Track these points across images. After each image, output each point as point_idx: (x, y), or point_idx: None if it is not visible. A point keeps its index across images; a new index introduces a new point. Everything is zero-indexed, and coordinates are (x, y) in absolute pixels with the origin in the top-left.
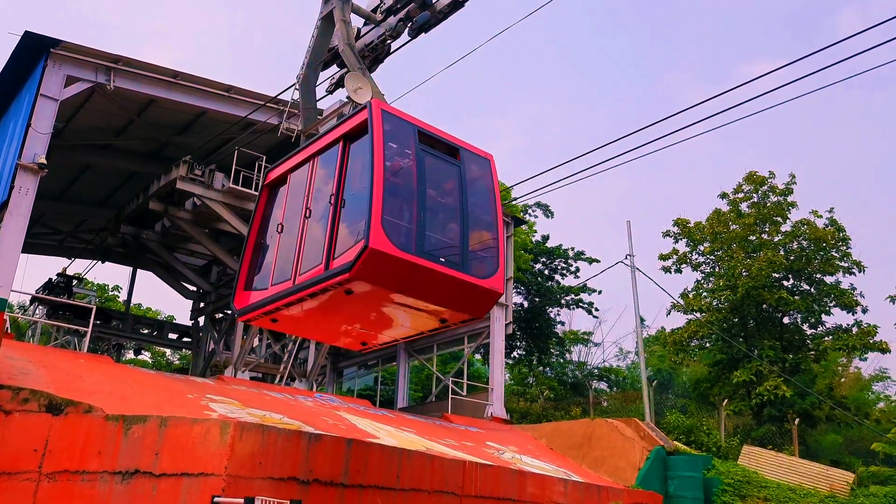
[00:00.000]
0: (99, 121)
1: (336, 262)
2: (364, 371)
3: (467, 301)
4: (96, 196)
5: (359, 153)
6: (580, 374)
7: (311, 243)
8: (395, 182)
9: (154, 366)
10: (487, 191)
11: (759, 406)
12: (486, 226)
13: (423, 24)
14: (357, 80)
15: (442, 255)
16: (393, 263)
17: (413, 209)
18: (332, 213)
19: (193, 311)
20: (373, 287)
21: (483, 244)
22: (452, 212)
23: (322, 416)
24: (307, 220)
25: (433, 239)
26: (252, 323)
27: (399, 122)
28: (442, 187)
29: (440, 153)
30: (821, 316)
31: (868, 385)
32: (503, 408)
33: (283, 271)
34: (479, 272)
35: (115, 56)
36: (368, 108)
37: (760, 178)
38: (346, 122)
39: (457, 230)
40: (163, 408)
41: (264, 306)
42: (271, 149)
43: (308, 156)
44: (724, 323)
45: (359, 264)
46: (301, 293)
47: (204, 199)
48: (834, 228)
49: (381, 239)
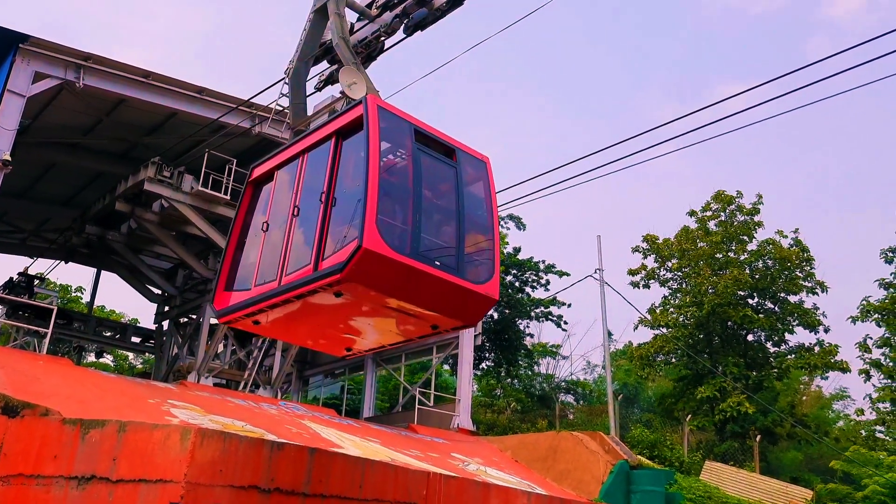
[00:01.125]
0: (67, 118)
1: (326, 263)
2: (330, 380)
3: (462, 307)
4: (61, 195)
5: (352, 150)
6: (547, 387)
7: (299, 243)
8: (390, 181)
9: (116, 369)
10: (483, 194)
11: (722, 422)
12: (482, 230)
13: (419, 21)
14: (352, 75)
15: (437, 259)
16: (387, 265)
17: (408, 210)
18: (322, 211)
19: (158, 315)
20: (364, 289)
21: (478, 249)
22: (448, 214)
23: (286, 424)
24: (295, 219)
25: (428, 241)
26: (232, 325)
27: (395, 119)
28: (438, 189)
29: (436, 153)
30: (784, 334)
31: (828, 404)
32: (470, 419)
33: (268, 271)
34: (475, 277)
35: (85, 53)
36: (364, 104)
37: (728, 197)
38: (339, 118)
39: (452, 233)
40: (122, 412)
41: (247, 307)
42: (242, 152)
43: (297, 152)
44: (690, 339)
45: (351, 265)
46: (287, 294)
47: (172, 202)
48: (798, 249)
49: (375, 239)
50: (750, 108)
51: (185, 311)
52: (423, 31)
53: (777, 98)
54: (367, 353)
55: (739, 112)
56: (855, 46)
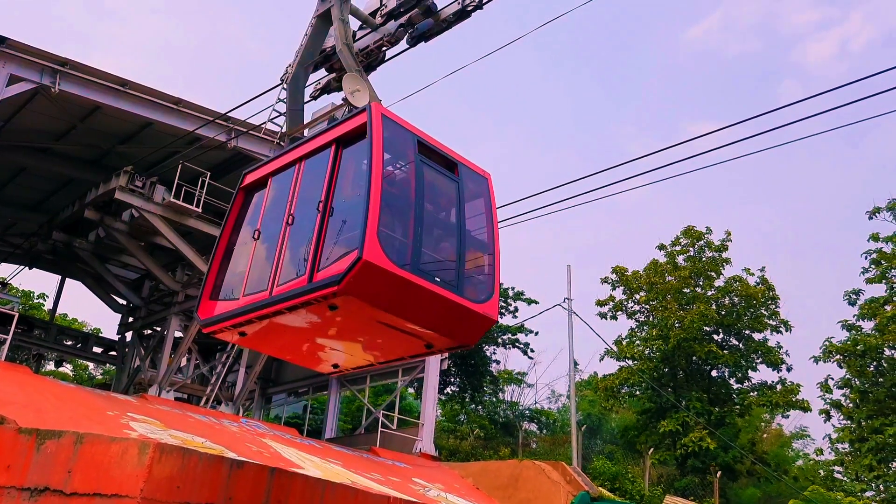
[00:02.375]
0: (40, 123)
1: (321, 275)
2: (293, 399)
3: (460, 326)
4: (29, 199)
5: (353, 159)
6: (511, 415)
7: (293, 253)
8: (392, 192)
9: (75, 379)
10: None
11: (683, 457)
12: (483, 247)
13: (424, 31)
14: (355, 82)
15: (437, 275)
16: (386, 279)
17: (409, 223)
18: (318, 221)
19: (121, 326)
20: (361, 303)
21: (479, 267)
22: (449, 230)
23: (246, 442)
24: (289, 228)
25: (429, 256)
26: (217, 335)
27: (399, 129)
28: (439, 203)
29: (439, 166)
30: (747, 371)
31: (788, 442)
32: (432, 444)
33: (258, 281)
34: (474, 296)
35: (62, 59)
36: (368, 112)
37: (697, 232)
38: (340, 125)
39: (453, 250)
40: (80, 423)
41: (234, 318)
42: (216, 165)
43: (293, 159)
44: (655, 372)
45: (349, 277)
46: (278, 306)
47: (142, 212)
48: (764, 287)
49: (376, 251)
50: (723, 147)
51: (150, 323)
52: (427, 42)
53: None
54: (354, 370)
55: (713, 149)
56: (825, 92)
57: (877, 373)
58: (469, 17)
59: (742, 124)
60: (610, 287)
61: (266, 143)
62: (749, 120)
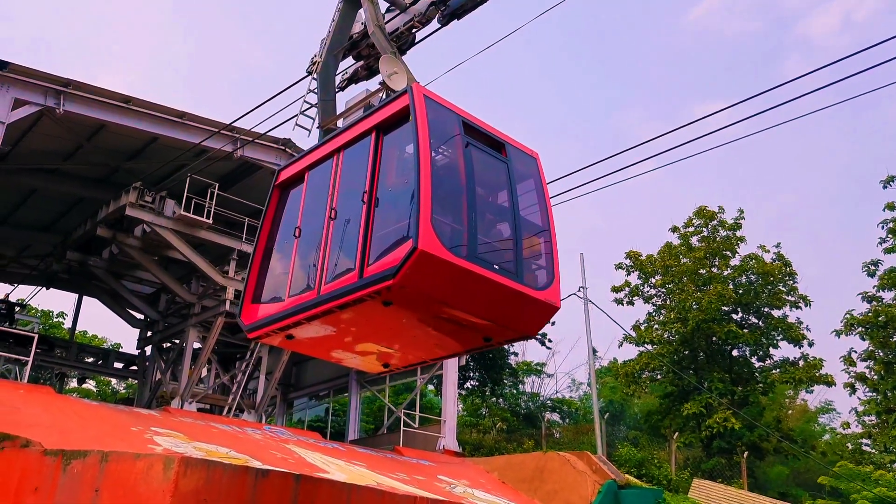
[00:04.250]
0: (47, 144)
1: (373, 269)
2: (315, 402)
3: (521, 316)
4: (42, 221)
5: (397, 144)
6: (533, 406)
7: (339, 248)
8: (442, 177)
9: (98, 395)
10: (536, 192)
11: (708, 438)
12: (539, 231)
13: (456, 8)
14: (392, 64)
15: (495, 262)
16: (444, 269)
17: (462, 208)
18: (364, 213)
19: (140, 340)
20: (417, 296)
21: (536, 251)
22: (503, 213)
23: (270, 449)
24: (332, 222)
25: (485, 243)
26: (263, 340)
27: (443, 110)
28: (490, 185)
29: (486, 147)
30: (769, 349)
31: (814, 417)
32: (455, 440)
33: (303, 281)
34: (535, 283)
35: (65, 80)
36: (409, 93)
37: (710, 212)
38: (379, 111)
39: (509, 234)
40: (105, 441)
41: (280, 321)
42: (224, 176)
43: (330, 151)
44: (675, 355)
45: (405, 269)
46: (328, 305)
47: (154, 226)
48: (781, 263)
49: (431, 240)
50: (732, 125)
51: (168, 336)
52: (460, 19)
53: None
54: (404, 369)
55: (721, 129)
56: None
57: None
58: None
59: (750, 101)
60: (624, 273)
61: (272, 151)
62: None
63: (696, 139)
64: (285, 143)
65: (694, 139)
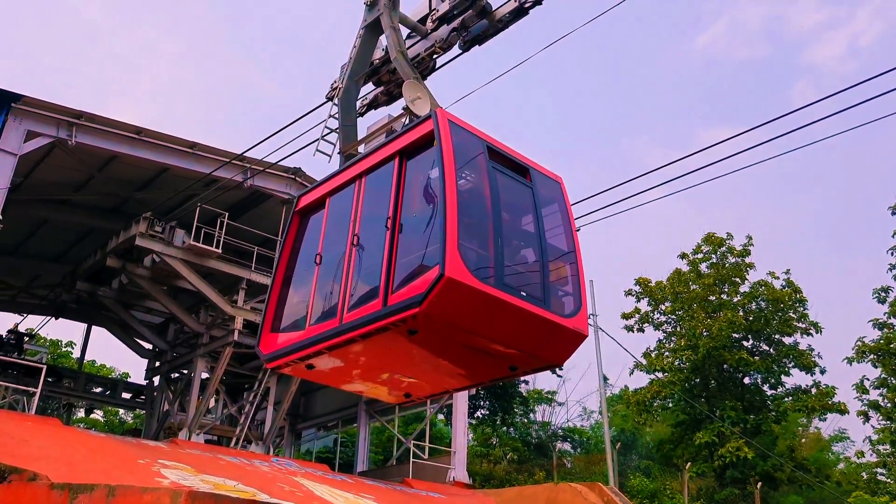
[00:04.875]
0: (58, 175)
1: (397, 297)
2: (323, 433)
3: (549, 344)
4: (52, 251)
5: (420, 170)
6: (544, 435)
7: (362, 275)
8: (467, 202)
9: (106, 425)
10: (562, 217)
11: (721, 468)
12: (564, 257)
13: (478, 34)
14: (415, 90)
15: (522, 289)
16: (471, 296)
17: (488, 234)
18: (388, 239)
19: (148, 370)
20: (443, 325)
21: (562, 278)
22: (529, 239)
23: (278, 482)
24: (354, 249)
25: (512, 269)
26: (283, 371)
27: (467, 134)
28: (515, 211)
29: (511, 172)
30: (780, 377)
31: (828, 446)
32: (465, 471)
33: (325, 309)
34: (562, 310)
35: (77, 112)
36: (434, 118)
37: (719, 239)
38: (403, 136)
39: (536, 260)
40: (112, 474)
41: (300, 350)
42: (234, 205)
43: (352, 177)
44: (687, 383)
45: (431, 297)
46: (351, 334)
47: (163, 256)
48: (791, 290)
49: (458, 266)
50: (740, 153)
51: (177, 366)
52: (481, 45)
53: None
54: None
55: (729, 157)
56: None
57: None
58: (526, 15)
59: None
60: (634, 299)
61: (282, 180)
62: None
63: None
64: (295, 173)
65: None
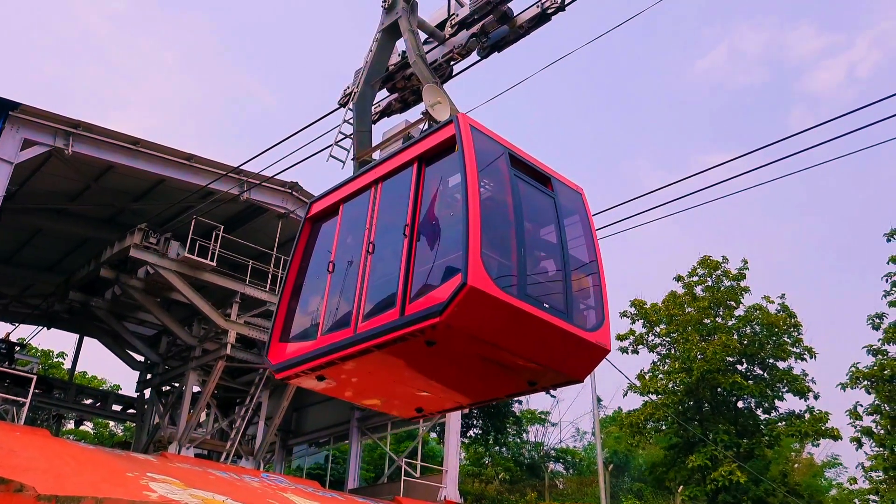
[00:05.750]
0: (54, 185)
1: (415, 306)
2: (314, 449)
3: (571, 359)
4: (46, 260)
5: (440, 176)
6: (537, 455)
7: (378, 284)
8: (490, 210)
9: (96, 437)
10: (583, 228)
11: (714, 492)
12: (588, 269)
13: (498, 41)
14: (435, 94)
15: (545, 301)
16: (493, 307)
17: (511, 243)
18: (406, 247)
19: (139, 383)
20: (463, 336)
21: (585, 291)
22: (551, 250)
23: (268, 497)
24: (370, 257)
25: (535, 280)
26: (292, 381)
27: (489, 141)
28: (537, 220)
29: (532, 180)
30: (774, 401)
31: (820, 471)
32: (457, 491)
33: (338, 318)
34: (585, 324)
35: (74, 121)
36: (455, 123)
37: (714, 262)
38: (422, 141)
39: (559, 272)
40: (100, 487)
41: (312, 360)
42: (229, 218)
43: (367, 183)
44: (680, 406)
45: (453, 306)
46: (366, 344)
47: (157, 268)
48: (785, 314)
49: (481, 275)
50: (737, 176)
51: (168, 379)
52: (500, 52)
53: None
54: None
55: (726, 180)
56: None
57: None
58: (548, 21)
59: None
60: (629, 321)
61: (279, 194)
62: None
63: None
64: (292, 187)
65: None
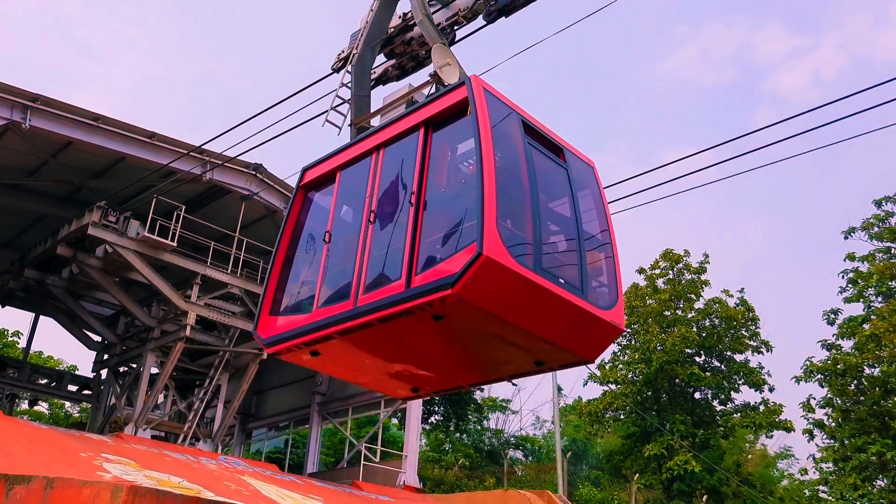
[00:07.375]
0: (11, 159)
1: (422, 278)
2: (274, 433)
3: (583, 337)
4: (0, 237)
5: (450, 141)
6: (496, 442)
7: (380, 255)
8: (504, 178)
9: (51, 418)
10: (596, 202)
11: (669, 480)
12: (601, 246)
13: (505, 4)
14: (444, 55)
15: (561, 276)
16: (508, 280)
17: (526, 214)
18: (412, 215)
19: (96, 363)
20: (475, 310)
21: (598, 268)
22: (565, 224)
23: (225, 480)
24: (371, 226)
25: (549, 254)
26: (283, 356)
27: (503, 106)
28: (550, 192)
29: (546, 150)
30: (730, 393)
31: (773, 462)
32: (416, 476)
33: (335, 291)
34: (599, 301)
35: (33, 94)
36: (468, 85)
37: (676, 255)
38: (430, 105)
39: (573, 246)
40: (52, 467)
41: (306, 334)
42: (191, 199)
43: (368, 149)
44: (639, 395)
45: (467, 277)
46: (368, 318)
47: (116, 247)
48: (744, 308)
49: (497, 246)
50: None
51: (126, 360)
52: (507, 17)
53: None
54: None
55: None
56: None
57: (857, 391)
58: None
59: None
60: None
61: (242, 176)
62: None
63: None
64: (256, 168)
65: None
